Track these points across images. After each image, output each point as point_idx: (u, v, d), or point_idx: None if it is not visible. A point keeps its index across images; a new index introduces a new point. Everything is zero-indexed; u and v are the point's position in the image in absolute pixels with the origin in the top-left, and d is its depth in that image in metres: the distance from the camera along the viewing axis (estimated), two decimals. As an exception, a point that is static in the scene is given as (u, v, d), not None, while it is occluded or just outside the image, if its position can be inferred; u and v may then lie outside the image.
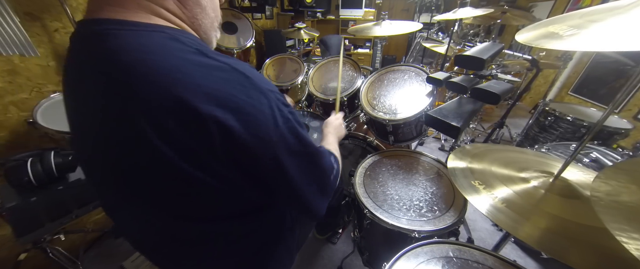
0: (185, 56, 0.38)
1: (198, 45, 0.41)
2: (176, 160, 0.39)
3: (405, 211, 0.94)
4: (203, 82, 0.37)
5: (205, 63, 0.39)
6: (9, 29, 1.23)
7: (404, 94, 1.30)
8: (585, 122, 1.71)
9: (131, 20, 0.40)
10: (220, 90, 0.38)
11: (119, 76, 0.37)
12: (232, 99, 0.38)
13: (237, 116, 0.38)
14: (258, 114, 0.41)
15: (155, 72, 0.36)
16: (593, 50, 2.55)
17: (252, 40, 1.94)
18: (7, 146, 1.31)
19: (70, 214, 1.15)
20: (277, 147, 0.44)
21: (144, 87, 0.36)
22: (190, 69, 0.37)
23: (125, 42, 0.38)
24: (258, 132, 0.41)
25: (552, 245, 0.55)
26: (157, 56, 0.37)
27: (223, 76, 0.39)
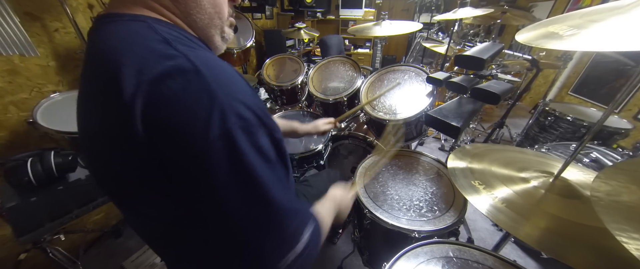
0: (147, 43, 0.37)
1: (171, 35, 0.39)
2: (118, 152, 0.38)
3: (405, 211, 0.94)
4: (146, 70, 0.34)
5: (160, 52, 0.36)
6: (9, 29, 1.23)
7: (404, 94, 1.30)
8: (585, 122, 1.71)
9: (119, 12, 0.41)
10: (157, 79, 0.34)
11: (93, 69, 0.39)
12: (165, 92, 0.34)
13: (161, 113, 0.33)
14: (186, 114, 0.34)
15: (117, 59, 0.36)
16: (593, 50, 2.55)
17: (252, 40, 1.93)
18: (7, 146, 1.31)
19: (70, 214, 1.15)
20: (196, 162, 0.35)
21: (108, 74, 0.36)
22: (139, 56, 0.35)
23: (106, 32, 0.39)
24: (178, 135, 0.34)
25: (552, 245, 0.55)
26: (122, 43, 0.37)
27: (169, 64, 0.35)
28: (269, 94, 2.04)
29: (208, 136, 0.34)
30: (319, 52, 4.16)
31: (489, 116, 3.39)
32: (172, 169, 0.36)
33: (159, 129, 0.34)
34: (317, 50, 4.40)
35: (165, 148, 0.34)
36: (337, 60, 1.76)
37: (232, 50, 1.84)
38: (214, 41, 0.51)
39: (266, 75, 1.90)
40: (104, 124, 0.38)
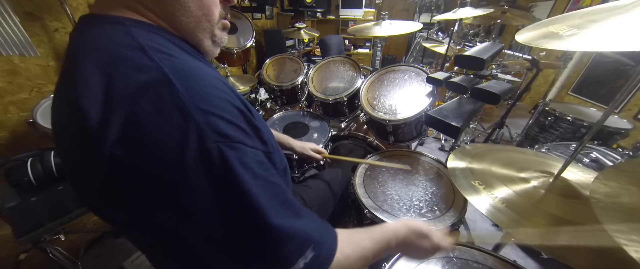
0: (120, 51, 0.34)
1: (149, 41, 0.36)
2: (88, 167, 0.35)
3: (405, 211, 0.94)
4: (116, 83, 0.31)
5: (132, 61, 0.33)
6: (9, 29, 1.23)
7: (404, 94, 1.30)
8: (585, 122, 1.71)
9: (99, 14, 0.39)
10: (126, 95, 0.31)
11: (69, 72, 0.36)
12: (134, 109, 0.30)
13: (127, 131, 0.30)
14: (158, 135, 0.31)
15: (77, 68, 0.34)
16: (593, 50, 2.55)
17: (252, 40, 1.94)
18: (7, 146, 1.31)
19: (70, 214, 1.15)
20: (173, 189, 0.32)
21: (74, 88, 0.34)
22: (113, 66, 0.32)
23: (83, 37, 0.37)
24: (147, 159, 0.31)
25: (552, 245, 0.55)
26: (93, 50, 0.35)
27: (140, 80, 0.31)
28: (269, 94, 2.04)
29: (184, 158, 0.31)
30: (319, 52, 4.16)
31: (489, 116, 3.39)
32: (144, 194, 0.33)
33: (128, 152, 0.31)
34: (317, 50, 4.40)
35: (135, 172, 0.32)
36: (337, 60, 1.76)
37: (232, 50, 1.85)
38: (203, 45, 0.47)
39: (266, 75, 1.90)
40: (74, 138, 0.35)
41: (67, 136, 0.37)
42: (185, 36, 0.45)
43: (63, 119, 0.38)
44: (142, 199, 0.34)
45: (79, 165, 0.37)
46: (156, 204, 0.34)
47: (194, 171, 0.31)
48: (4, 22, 1.21)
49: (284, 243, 0.36)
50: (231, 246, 0.35)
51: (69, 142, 0.37)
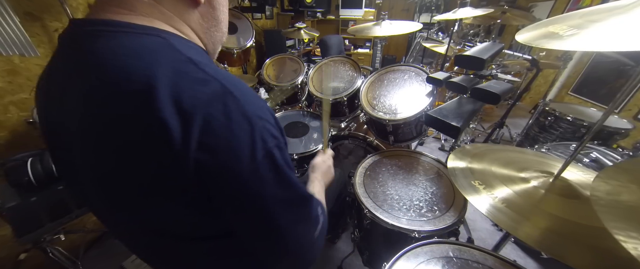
0: (175, 64, 0.35)
1: (194, 54, 0.38)
2: (142, 174, 0.36)
3: (405, 211, 0.94)
4: (182, 94, 0.33)
5: (193, 75, 0.36)
6: (9, 29, 1.23)
7: (404, 94, 1.30)
8: (585, 122, 1.71)
9: (123, 21, 0.37)
10: (197, 106, 0.34)
11: (102, 82, 0.35)
12: (208, 119, 0.34)
13: (205, 138, 0.34)
14: (233, 141, 0.35)
15: (132, 78, 0.33)
16: (593, 50, 2.55)
17: (252, 40, 1.93)
18: (7, 146, 1.31)
19: (70, 214, 1.15)
20: (250, 185, 0.38)
21: (118, 95, 0.34)
22: (173, 79, 0.34)
23: (113, 44, 0.35)
24: (226, 162, 0.35)
25: (552, 245, 0.55)
26: (138, 61, 0.34)
27: (206, 91, 0.35)
28: (269, 94, 2.04)
29: (255, 158, 0.37)
30: (319, 52, 4.16)
31: (489, 116, 3.39)
32: (217, 191, 0.38)
33: (209, 157, 0.34)
34: (317, 50, 4.40)
35: (213, 170, 0.35)
36: (337, 60, 1.76)
37: (232, 50, 1.85)
38: (215, 55, 0.53)
39: (266, 75, 1.90)
40: (130, 141, 0.35)
41: (115, 137, 0.36)
42: (208, 47, 0.49)
43: (113, 125, 0.36)
44: (214, 197, 0.38)
45: (130, 170, 0.37)
46: (228, 200, 0.39)
47: (263, 167, 0.38)
48: (4, 22, 1.21)
49: (312, 205, 0.50)
50: (291, 221, 0.44)
51: (117, 142, 0.36)
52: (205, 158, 0.34)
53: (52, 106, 0.43)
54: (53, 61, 0.42)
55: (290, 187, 0.44)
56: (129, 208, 0.43)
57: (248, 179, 0.37)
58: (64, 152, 0.45)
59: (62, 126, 0.42)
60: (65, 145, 0.43)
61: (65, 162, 0.48)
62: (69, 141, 0.41)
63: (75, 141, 0.41)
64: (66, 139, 0.42)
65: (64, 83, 0.39)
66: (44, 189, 1.06)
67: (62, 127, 0.42)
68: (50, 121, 0.45)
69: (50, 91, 0.43)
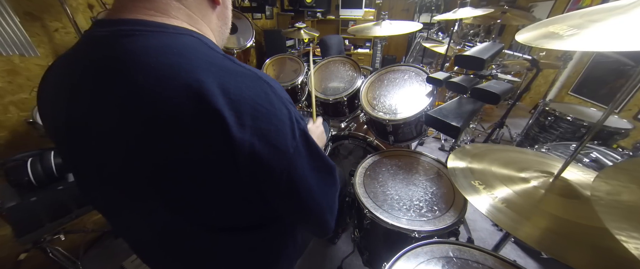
0: (214, 61, 0.39)
1: (223, 52, 0.43)
2: (193, 164, 0.38)
3: (405, 211, 0.94)
4: (229, 87, 0.37)
5: (232, 69, 0.39)
6: (9, 29, 1.23)
7: (404, 94, 1.30)
8: (585, 122, 1.71)
9: (156, 22, 0.39)
10: (244, 96, 0.37)
11: (140, 78, 0.36)
12: (256, 107, 0.38)
13: (257, 124, 0.38)
14: (278, 124, 0.40)
15: (180, 74, 0.35)
16: (593, 50, 2.55)
17: (252, 40, 1.94)
18: (7, 146, 1.31)
19: (70, 214, 1.15)
20: (293, 159, 0.43)
21: (167, 90, 0.35)
22: (218, 74, 0.37)
23: (150, 44, 0.37)
24: (276, 142, 0.40)
25: (552, 245, 0.55)
26: (183, 58, 0.37)
27: (248, 83, 0.39)
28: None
29: (295, 137, 0.43)
30: (319, 52, 4.16)
31: (489, 116, 3.39)
32: (265, 174, 0.41)
33: (259, 138, 0.38)
34: (317, 50, 4.40)
35: (263, 154, 0.39)
36: (337, 60, 1.76)
37: (232, 50, 1.85)
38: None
39: (266, 75, 1.90)
40: (186, 134, 0.36)
41: (168, 136, 0.37)
42: (219, 44, 0.52)
43: (159, 119, 0.36)
44: (264, 181, 0.42)
45: (184, 163, 0.39)
46: (276, 178, 0.43)
47: (301, 143, 0.44)
48: (4, 22, 1.21)
49: (336, 174, 0.56)
50: (318, 192, 0.50)
51: (175, 142, 0.37)
52: (259, 141, 0.38)
53: (72, 105, 0.43)
54: (74, 61, 0.42)
55: (321, 158, 0.50)
56: (176, 202, 0.45)
57: (293, 154, 0.43)
58: (83, 150, 0.45)
59: (85, 125, 0.42)
60: (88, 144, 0.43)
61: (82, 161, 0.48)
62: (97, 139, 0.42)
63: (107, 140, 0.41)
64: (92, 138, 0.42)
65: (93, 83, 0.39)
66: (44, 189, 1.06)
67: (85, 127, 0.42)
68: (66, 120, 0.44)
69: (71, 90, 0.42)
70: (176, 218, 0.48)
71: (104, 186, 0.49)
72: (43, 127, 0.52)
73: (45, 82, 0.48)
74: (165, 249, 0.57)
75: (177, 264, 0.58)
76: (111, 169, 0.45)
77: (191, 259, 0.55)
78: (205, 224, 0.49)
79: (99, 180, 0.49)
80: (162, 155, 0.39)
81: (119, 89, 0.37)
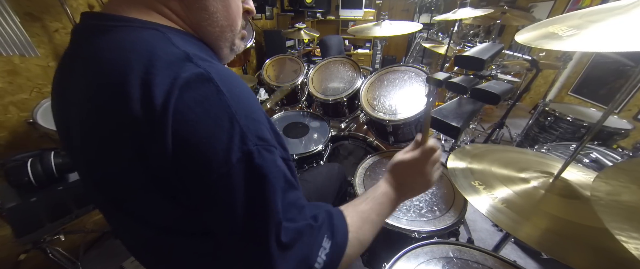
0: (166, 57, 0.35)
1: (190, 48, 0.37)
2: (136, 168, 0.36)
3: (405, 212, 0.94)
4: (163, 87, 0.33)
5: (180, 67, 0.35)
6: (9, 29, 1.23)
7: (404, 95, 1.30)
8: (585, 122, 1.71)
9: (125, 16, 0.38)
10: (178, 99, 0.33)
11: (96, 74, 0.36)
12: (186, 111, 0.33)
13: (181, 130, 0.33)
14: (208, 137, 0.33)
15: (126, 71, 0.34)
16: (593, 51, 2.55)
17: (252, 41, 1.94)
18: (7, 146, 1.31)
19: (70, 214, 1.15)
20: (217, 186, 0.34)
21: (113, 87, 0.34)
22: (162, 72, 0.34)
23: (115, 38, 0.36)
24: (199, 158, 0.33)
25: (552, 245, 0.55)
26: (131, 54, 0.35)
27: (191, 85, 0.34)
28: (269, 95, 2.04)
29: (229, 160, 0.34)
30: (319, 53, 4.16)
31: (489, 116, 3.39)
32: (190, 184, 0.35)
33: (182, 145, 0.33)
34: (317, 50, 4.40)
35: (186, 164, 0.34)
36: (337, 61, 1.76)
37: (232, 51, 1.85)
38: (222, 53, 0.51)
39: (266, 75, 1.90)
40: (116, 130, 0.35)
41: (103, 129, 0.36)
42: (208, 43, 0.47)
43: (98, 114, 0.36)
44: (190, 192, 0.36)
45: (118, 156, 0.37)
46: (199, 198, 0.36)
47: (236, 172, 0.34)
48: (4, 22, 1.21)
49: (310, 238, 0.40)
50: (254, 242, 0.37)
51: (107, 134, 0.36)
52: (180, 151, 0.33)
53: (60, 103, 0.45)
54: (63, 58, 0.44)
55: (268, 205, 0.36)
56: (120, 200, 0.43)
57: (217, 181, 0.34)
58: (72, 147, 0.45)
59: (68, 121, 0.43)
60: (73, 140, 0.43)
61: (75, 158, 0.48)
62: (74, 136, 0.42)
63: (78, 137, 0.41)
64: (72, 135, 0.43)
65: (69, 78, 0.41)
66: (44, 189, 1.06)
67: (69, 123, 0.43)
68: (61, 117, 0.46)
69: (59, 87, 0.44)
70: (135, 221, 0.45)
71: (86, 188, 0.50)
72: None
73: (53, 83, 0.48)
74: (138, 249, 0.54)
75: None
76: (83, 169, 0.45)
77: (159, 261, 0.52)
78: (160, 226, 0.43)
79: (83, 183, 0.50)
80: (100, 154, 0.39)
81: (79, 86, 0.38)
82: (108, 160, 0.38)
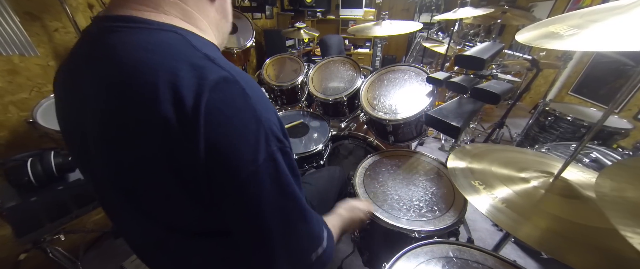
0: (190, 59, 0.36)
1: (209, 50, 0.39)
2: (161, 166, 0.36)
3: (405, 211, 0.94)
4: (191, 88, 0.34)
5: (206, 69, 0.36)
6: (9, 29, 1.23)
7: (404, 94, 1.30)
8: (585, 122, 1.71)
9: (141, 17, 0.38)
10: (208, 99, 0.34)
11: (118, 75, 0.35)
12: (213, 111, 0.34)
13: (211, 130, 0.34)
14: (238, 139, 0.35)
15: (153, 72, 0.34)
16: (593, 50, 2.55)
17: (252, 40, 1.93)
18: (7, 146, 1.31)
19: (70, 214, 1.15)
20: (246, 184, 0.37)
21: (140, 88, 0.34)
22: (188, 73, 0.34)
23: (135, 40, 0.36)
24: (229, 158, 0.35)
25: (552, 245, 0.55)
26: (155, 55, 0.35)
27: (219, 87, 0.36)
28: (269, 94, 2.04)
29: (257, 160, 0.37)
30: (319, 52, 4.16)
31: (489, 116, 3.39)
32: (217, 186, 0.37)
33: (214, 145, 0.34)
34: (317, 50, 4.40)
35: (217, 164, 0.35)
36: (337, 60, 1.76)
37: (232, 50, 1.84)
38: (222, 48, 0.54)
39: (266, 75, 1.90)
40: (145, 131, 0.35)
41: (135, 135, 0.36)
42: (218, 40, 0.50)
43: (124, 118, 0.36)
44: (216, 192, 0.38)
45: (144, 162, 0.37)
46: (226, 197, 0.38)
47: (263, 171, 0.38)
48: (4, 22, 1.21)
49: (315, 223, 0.49)
50: (273, 233, 0.42)
51: (129, 134, 0.36)
52: (212, 150, 0.34)
53: (69, 104, 0.44)
54: (72, 59, 0.43)
55: (290, 195, 0.42)
56: (139, 199, 0.43)
57: (246, 180, 0.37)
58: (83, 148, 0.45)
59: (81, 122, 0.42)
60: (87, 141, 0.43)
61: (85, 160, 0.48)
62: (90, 137, 0.42)
63: (95, 137, 0.41)
64: (88, 136, 0.42)
65: (83, 80, 0.40)
66: (44, 189, 1.06)
67: (81, 124, 0.42)
68: (69, 118, 0.46)
69: (68, 88, 0.44)
70: (149, 221, 0.46)
71: (97, 188, 0.50)
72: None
73: (55, 84, 0.48)
74: (151, 252, 0.55)
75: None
76: (97, 171, 0.45)
77: (171, 262, 0.53)
78: (177, 227, 0.45)
79: (93, 183, 0.50)
80: (121, 157, 0.39)
81: (99, 88, 0.38)
82: (133, 160, 0.38)
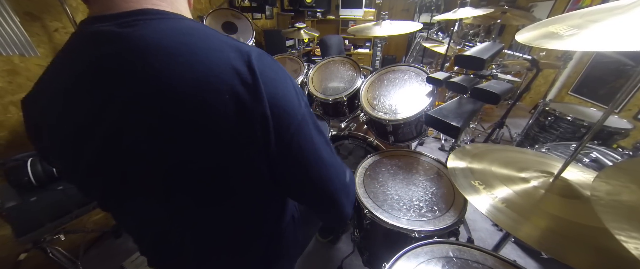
0: (222, 38, 0.41)
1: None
2: (212, 140, 0.39)
3: (405, 211, 0.94)
4: (245, 59, 0.39)
5: (238, 44, 0.41)
6: (9, 29, 1.23)
7: (404, 94, 1.30)
8: (585, 122, 1.71)
9: (156, 9, 0.40)
10: (259, 65, 0.40)
11: (156, 63, 0.36)
12: (267, 74, 0.40)
13: (271, 86, 0.40)
14: (286, 91, 0.42)
15: (200, 53, 0.37)
16: (593, 50, 2.55)
17: (252, 40, 1.94)
18: (7, 146, 1.31)
19: (70, 214, 1.15)
20: (301, 126, 0.44)
21: (194, 70, 0.36)
22: (231, 50, 0.39)
23: (159, 28, 0.38)
24: (286, 107, 0.42)
25: (552, 245, 0.55)
26: (195, 38, 0.39)
27: (256, 56, 0.41)
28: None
29: (301, 106, 0.45)
30: (319, 52, 4.16)
31: (489, 116, 3.39)
32: (284, 130, 0.42)
33: (273, 99, 0.40)
34: (317, 50, 4.40)
35: (277, 115, 0.40)
36: (337, 61, 1.76)
37: (232, 50, 1.85)
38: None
39: (266, 75, 1.90)
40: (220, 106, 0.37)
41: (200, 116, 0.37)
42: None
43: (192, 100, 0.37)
44: (276, 144, 0.42)
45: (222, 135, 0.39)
46: (291, 138, 0.44)
47: (307, 114, 0.46)
48: (4, 22, 1.21)
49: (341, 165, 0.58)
50: (329, 166, 0.51)
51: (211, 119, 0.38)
52: (273, 104, 0.40)
53: (73, 103, 0.41)
54: (73, 61, 0.41)
55: (322, 132, 0.50)
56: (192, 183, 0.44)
57: (301, 122, 0.44)
58: (78, 146, 0.43)
59: (69, 119, 0.42)
60: (88, 139, 0.41)
61: (77, 157, 0.45)
62: (128, 127, 0.39)
63: (135, 127, 0.39)
64: (75, 130, 0.41)
65: (100, 82, 0.38)
66: (44, 189, 1.06)
67: (88, 122, 0.40)
68: (66, 118, 0.43)
69: (74, 89, 0.41)
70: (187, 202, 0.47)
71: (106, 183, 0.47)
72: (26, 128, 0.49)
73: (40, 87, 0.45)
74: (192, 231, 0.54)
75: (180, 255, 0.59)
76: (134, 168, 0.43)
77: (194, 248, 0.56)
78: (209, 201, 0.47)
79: (118, 182, 0.46)
80: (189, 140, 0.39)
81: (133, 81, 0.36)
82: (205, 141, 0.39)
